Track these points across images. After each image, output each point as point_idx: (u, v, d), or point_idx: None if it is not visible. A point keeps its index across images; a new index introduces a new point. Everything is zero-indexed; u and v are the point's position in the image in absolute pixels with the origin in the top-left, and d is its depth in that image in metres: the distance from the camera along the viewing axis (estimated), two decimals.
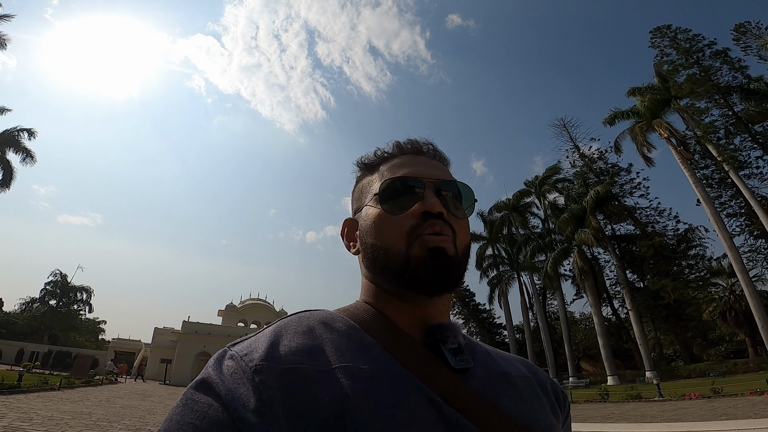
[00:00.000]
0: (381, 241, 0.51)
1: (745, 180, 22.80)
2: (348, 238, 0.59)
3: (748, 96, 22.02)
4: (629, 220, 26.35)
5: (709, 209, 21.77)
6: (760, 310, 19.69)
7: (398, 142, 0.60)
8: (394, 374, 0.44)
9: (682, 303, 22.50)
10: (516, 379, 0.52)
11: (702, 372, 21.06)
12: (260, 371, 0.40)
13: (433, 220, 0.50)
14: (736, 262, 20.55)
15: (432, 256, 0.48)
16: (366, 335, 0.48)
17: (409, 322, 0.50)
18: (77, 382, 18.94)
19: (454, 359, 0.48)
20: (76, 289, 43.54)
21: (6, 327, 41.36)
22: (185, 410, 0.39)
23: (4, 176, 25.47)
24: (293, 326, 0.47)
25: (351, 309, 0.53)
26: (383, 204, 0.53)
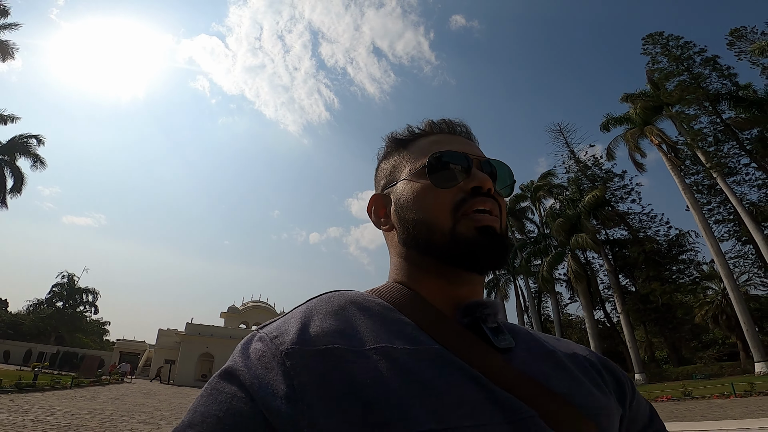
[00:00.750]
0: (425, 215, 0.50)
1: (734, 186, 23.59)
2: (377, 214, 0.58)
3: (737, 103, 22.78)
4: (622, 225, 27.18)
5: (697, 215, 22.56)
6: (745, 314, 20.47)
7: (431, 121, 0.59)
8: (434, 354, 0.41)
9: (670, 306, 23.31)
10: (563, 358, 0.50)
11: (689, 374, 21.89)
12: (292, 355, 0.38)
13: (482, 196, 0.50)
14: (723, 268, 21.33)
15: (482, 234, 0.48)
16: (400, 315, 0.46)
17: (444, 301, 0.49)
18: (86, 382, 20.21)
19: (495, 338, 0.46)
20: (82, 291, 45.15)
21: (13, 328, 42.94)
22: (209, 401, 0.37)
23: (15, 182, 26.88)
24: (324, 306, 0.45)
25: (382, 289, 0.52)
26: (431, 176, 0.51)
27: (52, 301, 44.51)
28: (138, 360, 42.25)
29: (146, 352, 42.82)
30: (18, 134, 27.89)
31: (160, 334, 38.64)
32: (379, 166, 0.61)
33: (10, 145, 27.59)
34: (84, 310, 46.72)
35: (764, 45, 22.81)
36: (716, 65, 23.56)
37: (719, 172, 21.94)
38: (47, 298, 44.53)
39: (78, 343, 46.07)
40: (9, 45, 25.78)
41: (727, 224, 24.01)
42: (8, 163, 27.15)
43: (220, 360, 34.03)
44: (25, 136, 28.09)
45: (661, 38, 25.60)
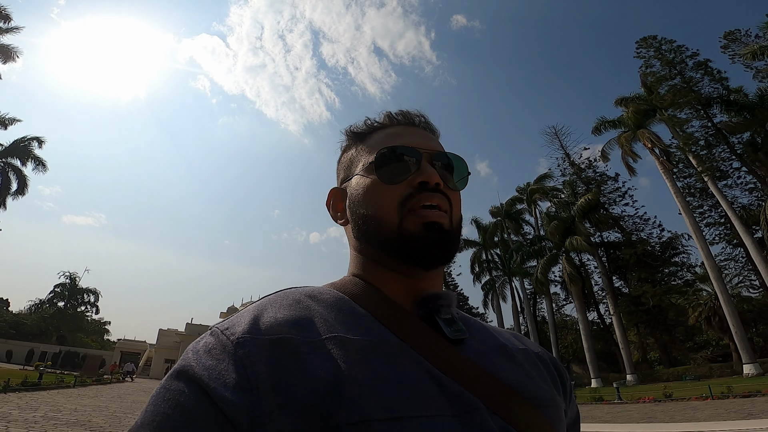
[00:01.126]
0: (373, 211, 0.51)
1: (726, 190, 24.09)
2: (334, 208, 0.59)
3: (729, 107, 23.24)
4: (616, 228, 27.70)
5: (688, 218, 23.04)
6: (734, 316, 20.97)
7: (389, 113, 0.59)
8: (388, 345, 0.42)
9: (661, 308, 23.84)
10: (513, 351, 0.51)
11: (679, 375, 22.41)
12: (243, 344, 0.38)
13: (429, 192, 0.50)
14: (713, 270, 21.82)
15: (427, 229, 0.48)
16: (356, 307, 0.47)
17: (401, 294, 0.50)
18: (89, 381, 20.91)
19: (448, 329, 0.47)
20: (83, 291, 45.92)
21: (15, 328, 43.73)
22: (158, 399, 0.37)
23: (18, 185, 27.59)
24: (278, 300, 0.45)
25: (339, 283, 0.52)
26: (378, 172, 0.52)
27: (54, 301, 45.31)
28: (139, 359, 43.00)
29: (147, 351, 43.58)
30: (20, 137, 28.60)
31: (161, 334, 39.40)
32: (339, 159, 0.62)
33: (12, 149, 28.29)
34: (85, 310, 47.54)
35: (756, 48, 23.19)
36: (708, 69, 24.03)
37: (710, 176, 22.42)
38: (49, 298, 45.35)
39: (79, 342, 46.85)
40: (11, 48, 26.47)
41: (718, 227, 24.51)
42: (11, 166, 27.84)
43: None
44: (27, 138, 28.77)
45: (654, 41, 26.06)
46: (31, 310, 45.78)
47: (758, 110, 22.44)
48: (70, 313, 45.18)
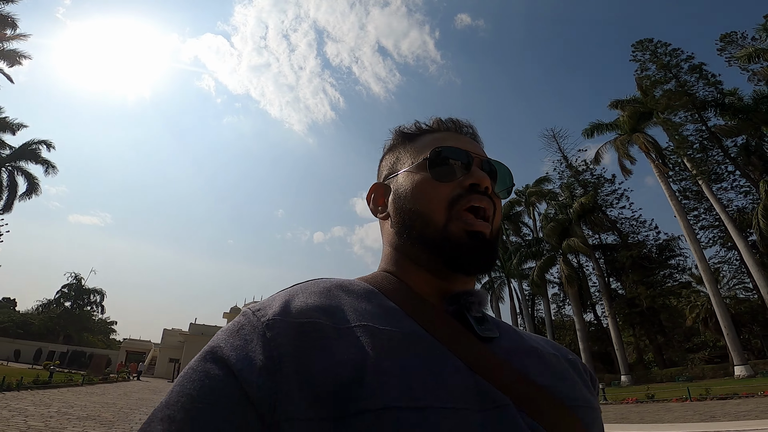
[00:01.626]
0: (420, 207, 0.52)
1: (721, 193, 24.51)
2: (375, 203, 0.60)
3: (723, 111, 23.63)
4: (613, 231, 28.20)
5: (682, 221, 23.53)
6: (726, 318, 21.46)
7: (439, 119, 0.61)
8: (416, 337, 0.42)
9: (655, 310, 24.35)
10: (544, 354, 0.51)
11: (673, 377, 22.92)
12: (272, 326, 0.39)
13: (478, 194, 0.51)
14: (705, 273, 22.32)
15: (472, 238, 0.49)
16: (385, 299, 0.47)
17: (432, 293, 0.50)
18: (96, 379, 21.86)
19: (479, 327, 0.47)
20: (89, 291, 47.16)
21: (23, 327, 45.04)
22: (185, 380, 0.37)
23: (29, 187, 28.64)
24: (309, 287, 0.46)
25: (369, 277, 0.54)
26: (431, 169, 0.53)
27: (60, 301, 46.58)
28: (143, 359, 44.13)
29: (151, 351, 44.70)
30: (28, 140, 29.64)
31: (165, 334, 40.46)
32: (383, 157, 0.63)
33: (21, 152, 29.33)
34: (91, 310, 48.78)
35: (752, 51, 23.53)
36: (703, 73, 24.42)
37: (704, 179, 22.88)
38: (56, 298, 46.63)
39: (85, 342, 48.11)
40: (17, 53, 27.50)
41: (713, 230, 24.94)
42: (20, 169, 28.90)
43: None
44: (35, 142, 29.81)
45: (650, 44, 26.47)
46: (38, 311, 47.10)
47: (753, 114, 22.87)
48: (76, 313, 46.44)
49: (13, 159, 28.87)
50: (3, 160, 28.66)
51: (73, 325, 45.84)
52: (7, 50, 27.05)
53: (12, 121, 28.87)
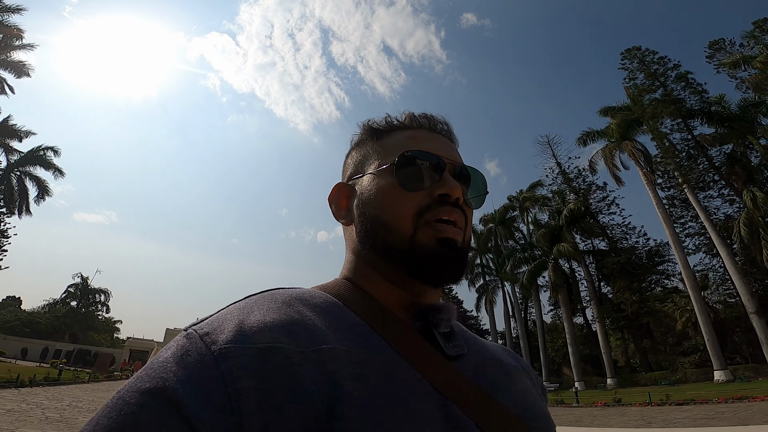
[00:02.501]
0: (385, 216, 0.48)
1: (708, 201, 25.40)
2: (337, 205, 0.56)
3: (710, 119, 24.48)
4: (603, 237, 29.21)
5: (667, 228, 24.47)
6: (707, 324, 22.46)
7: (412, 114, 0.57)
8: (386, 360, 0.40)
9: (639, 315, 25.37)
10: (508, 367, 0.51)
11: (656, 380, 23.95)
12: (226, 356, 0.33)
13: (449, 206, 0.48)
14: (689, 279, 23.29)
15: (443, 246, 0.46)
16: (350, 313, 0.44)
17: (397, 304, 0.48)
18: (101, 377, 23.44)
19: (447, 345, 0.45)
20: (95, 291, 49.13)
21: (30, 326, 47.04)
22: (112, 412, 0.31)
23: (40, 191, 30.34)
24: (266, 301, 0.41)
25: (330, 285, 0.50)
26: (397, 175, 0.49)
27: (67, 301, 48.58)
28: (147, 357, 45.90)
29: (154, 349, 46.45)
30: (36, 146, 31.32)
31: (168, 333, 42.19)
32: (349, 153, 0.59)
33: (28, 157, 31.02)
34: (96, 309, 50.76)
35: (739, 58, 24.25)
36: (689, 81, 25.29)
37: (689, 187, 23.80)
38: (62, 297, 48.64)
39: (90, 340, 50.06)
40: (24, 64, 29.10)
41: (698, 238, 25.84)
42: (29, 174, 30.58)
43: None
44: (42, 148, 31.49)
45: (638, 52, 27.34)
46: (45, 310, 49.15)
47: (738, 122, 23.70)
48: (82, 312, 48.44)
49: (22, 164, 30.56)
50: (12, 166, 30.36)
51: (78, 324, 47.80)
52: (15, 61, 28.71)
53: (20, 129, 30.56)
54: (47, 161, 30.64)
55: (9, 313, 49.21)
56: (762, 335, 20.67)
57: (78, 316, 47.87)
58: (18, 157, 30.69)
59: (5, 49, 28.12)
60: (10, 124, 30.09)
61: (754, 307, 21.12)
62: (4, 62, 28.43)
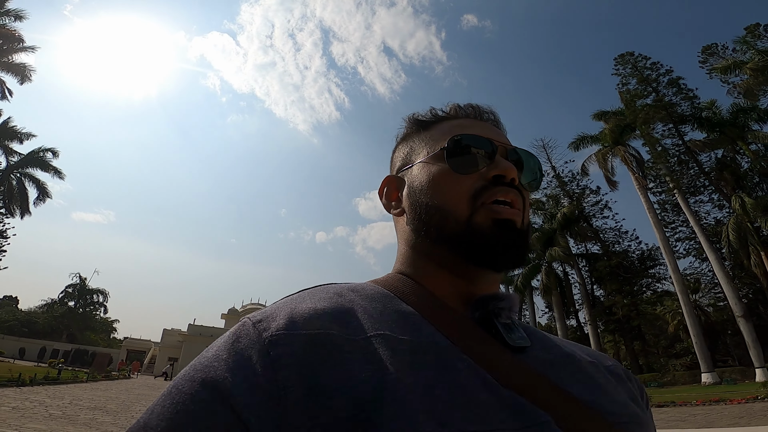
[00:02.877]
0: (439, 201, 0.48)
1: (699, 206, 26.00)
2: (388, 197, 0.56)
3: (701, 125, 25.05)
4: (596, 241, 29.81)
5: (658, 233, 25.03)
6: (695, 326, 23.02)
7: (457, 104, 0.57)
8: (439, 348, 0.38)
9: (630, 318, 25.99)
10: (583, 363, 0.47)
11: (646, 382, 24.53)
12: (277, 342, 0.34)
13: (505, 187, 0.47)
14: (678, 284, 23.87)
15: (501, 227, 0.45)
16: (403, 304, 0.43)
17: (453, 296, 0.47)
18: (99, 377, 23.97)
19: (508, 335, 0.43)
20: (93, 291, 49.72)
21: (27, 326, 47.61)
22: (167, 401, 0.33)
23: (40, 193, 30.92)
24: (318, 292, 0.42)
25: (382, 279, 0.50)
26: (449, 160, 0.49)
27: (64, 301, 49.18)
28: (144, 357, 46.48)
29: (151, 350, 47.04)
30: (35, 149, 31.89)
31: (165, 334, 42.73)
32: (396, 147, 0.60)
33: (27, 159, 31.59)
34: (94, 310, 51.37)
35: (730, 63, 24.77)
36: (680, 87, 25.89)
37: (680, 192, 24.38)
38: (60, 297, 49.25)
39: (87, 340, 50.64)
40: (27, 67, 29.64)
41: (688, 242, 26.44)
42: (29, 176, 31.15)
43: None
44: (42, 149, 32.07)
45: (631, 58, 27.95)
46: (43, 310, 49.75)
47: (728, 128, 24.26)
48: (80, 312, 49.02)
49: (22, 166, 31.13)
50: (12, 167, 30.93)
51: (76, 324, 48.39)
52: (16, 63, 29.26)
53: (20, 131, 31.13)
54: (47, 163, 31.20)
55: (6, 313, 49.80)
56: (749, 338, 21.23)
57: (76, 317, 48.45)
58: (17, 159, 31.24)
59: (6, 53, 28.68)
60: (10, 126, 30.65)
61: (741, 310, 21.69)
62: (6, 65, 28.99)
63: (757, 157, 23.11)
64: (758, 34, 26.22)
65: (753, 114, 23.81)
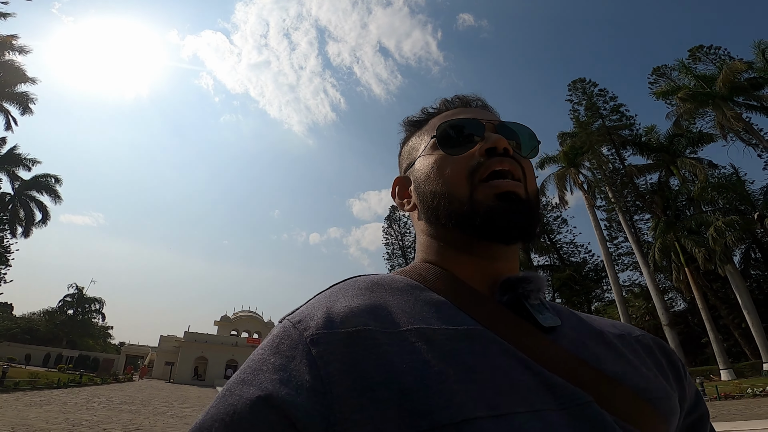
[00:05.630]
0: (441, 186, 0.53)
1: (641, 223, 31.04)
2: (400, 196, 0.63)
3: (640, 149, 29.82)
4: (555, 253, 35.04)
5: (602, 247, 30.16)
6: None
7: (445, 99, 0.64)
8: (475, 334, 0.41)
9: None
10: (612, 338, 0.51)
11: None
12: (318, 341, 0.38)
13: (499, 157, 0.51)
14: (617, 295, 29.09)
15: (503, 200, 0.49)
16: (433, 294, 0.47)
17: (478, 279, 0.50)
18: (109, 380, 29.66)
19: (540, 316, 0.46)
20: (90, 300, 55.70)
21: (30, 333, 53.58)
22: (220, 404, 0.37)
23: (43, 216, 36.37)
24: (349, 287, 0.46)
25: (409, 269, 0.54)
26: (442, 146, 0.55)
27: (64, 309, 55.18)
28: (142, 363, 52.49)
29: (149, 355, 52.97)
30: (39, 174, 37.27)
31: (162, 340, 48.58)
32: (400, 152, 0.67)
33: (32, 183, 36.99)
34: (91, 317, 57.46)
35: (667, 89, 28.78)
36: (623, 114, 30.72)
37: (621, 212, 29.40)
38: (59, 306, 55.28)
39: (86, 346, 56.67)
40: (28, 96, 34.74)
41: (629, 257, 31.57)
42: (34, 199, 36.57)
43: (213, 362, 43.89)
44: (45, 175, 37.47)
45: (581, 84, 32.72)
46: (46, 318, 55.81)
47: (663, 153, 29.01)
48: (79, 319, 55.05)
49: (28, 189, 36.52)
50: (18, 191, 36.39)
51: (76, 330, 54.39)
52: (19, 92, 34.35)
53: (26, 157, 36.45)
54: (51, 188, 36.57)
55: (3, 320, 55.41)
56: (672, 344, 26.45)
57: (75, 324, 54.45)
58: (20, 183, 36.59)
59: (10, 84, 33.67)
60: (16, 153, 36.00)
61: (667, 319, 26.90)
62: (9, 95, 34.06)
63: (685, 181, 27.99)
64: (699, 57, 30.84)
65: (683, 140, 28.51)
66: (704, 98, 26.08)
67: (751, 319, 23.12)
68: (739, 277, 24.19)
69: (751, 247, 27.81)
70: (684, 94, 27.09)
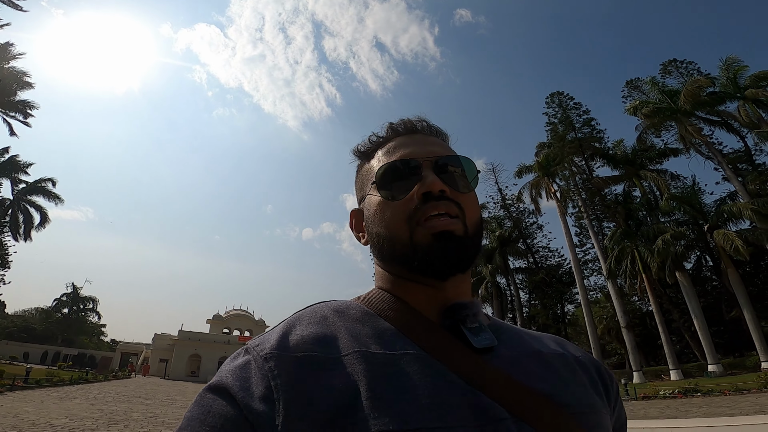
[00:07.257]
0: (384, 229, 0.60)
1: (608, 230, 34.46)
2: (357, 229, 0.69)
3: (608, 162, 33.19)
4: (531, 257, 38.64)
5: (571, 253, 33.66)
6: (594, 336, 31.90)
7: (391, 124, 0.69)
8: (410, 357, 0.49)
9: (547, 326, 35.01)
10: (549, 357, 0.57)
11: None
12: (270, 358, 0.47)
13: (434, 202, 0.57)
14: (583, 298, 32.66)
15: (437, 239, 0.55)
16: (381, 321, 0.55)
17: (427, 304, 0.58)
18: (110, 377, 33.34)
19: (474, 338, 0.53)
20: (85, 299, 59.37)
21: (26, 332, 57.25)
22: (193, 407, 0.47)
23: (41, 219, 39.70)
24: (307, 317, 0.55)
25: (367, 296, 0.62)
26: (381, 190, 0.61)
27: (59, 308, 58.87)
28: (137, 360, 56.31)
29: (143, 352, 56.79)
30: (38, 179, 40.50)
31: (156, 338, 52.38)
32: (354, 180, 0.73)
33: (31, 188, 40.27)
34: (86, 315, 61.17)
35: (636, 104, 31.36)
36: (593, 128, 34.03)
37: (588, 220, 32.89)
38: (54, 305, 58.95)
39: (80, 344, 60.47)
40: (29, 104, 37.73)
41: (595, 263, 35.16)
42: (32, 203, 39.87)
43: (206, 359, 47.81)
44: (43, 179, 40.70)
45: (558, 97, 35.96)
46: (42, 316, 59.48)
47: (629, 166, 32.33)
48: (74, 318, 58.78)
49: (27, 193, 39.78)
50: (18, 196, 39.69)
51: (70, 329, 58.15)
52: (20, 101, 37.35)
53: (24, 163, 39.66)
54: (49, 191, 39.87)
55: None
56: (629, 345, 29.98)
57: (70, 322, 58.19)
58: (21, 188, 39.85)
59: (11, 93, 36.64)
60: (16, 160, 39.23)
61: (624, 322, 30.47)
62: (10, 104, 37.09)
63: (645, 193, 31.44)
64: (670, 71, 34.01)
65: (647, 154, 31.84)
66: (667, 113, 29.18)
67: (699, 324, 26.31)
68: (690, 284, 27.56)
69: (703, 255, 31.32)
70: (647, 111, 30.17)
